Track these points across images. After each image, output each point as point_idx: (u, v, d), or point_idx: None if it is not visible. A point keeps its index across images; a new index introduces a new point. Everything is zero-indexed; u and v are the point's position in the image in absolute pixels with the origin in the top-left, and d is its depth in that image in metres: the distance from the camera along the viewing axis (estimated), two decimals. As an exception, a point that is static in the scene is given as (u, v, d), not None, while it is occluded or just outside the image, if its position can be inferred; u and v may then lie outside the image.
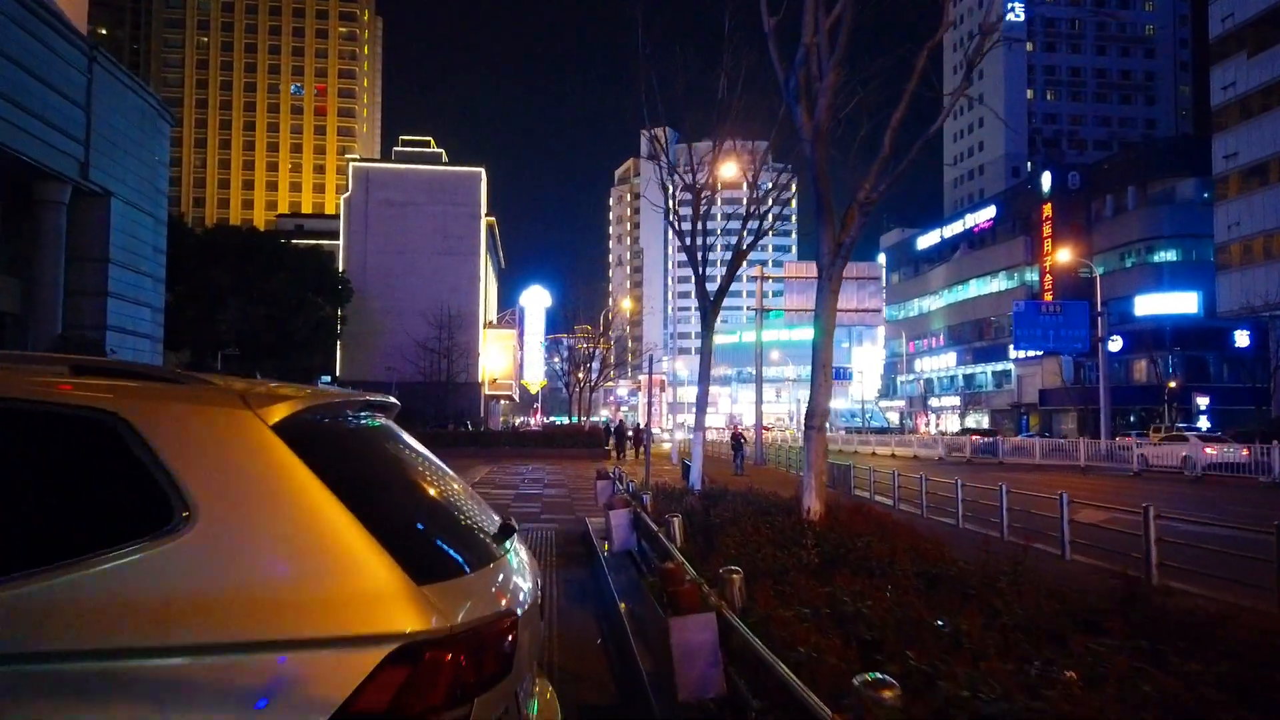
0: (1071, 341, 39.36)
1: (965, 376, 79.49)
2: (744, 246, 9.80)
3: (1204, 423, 50.01)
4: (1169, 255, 63.32)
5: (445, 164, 65.70)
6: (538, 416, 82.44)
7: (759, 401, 30.97)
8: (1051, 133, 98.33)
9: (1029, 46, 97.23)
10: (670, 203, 9.96)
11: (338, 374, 59.50)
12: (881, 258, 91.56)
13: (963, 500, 12.72)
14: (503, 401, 75.97)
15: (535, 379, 66.51)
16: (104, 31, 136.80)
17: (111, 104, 33.47)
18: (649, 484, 11.04)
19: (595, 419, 69.89)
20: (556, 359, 66.45)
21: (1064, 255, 65.04)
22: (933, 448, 38.26)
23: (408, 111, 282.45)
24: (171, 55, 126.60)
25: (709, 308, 9.80)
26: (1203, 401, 52.33)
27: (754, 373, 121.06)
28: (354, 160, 68.65)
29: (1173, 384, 55.54)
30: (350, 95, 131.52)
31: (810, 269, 29.47)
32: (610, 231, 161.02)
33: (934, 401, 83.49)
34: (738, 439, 25.02)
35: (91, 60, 32.10)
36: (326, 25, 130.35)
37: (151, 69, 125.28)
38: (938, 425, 79.96)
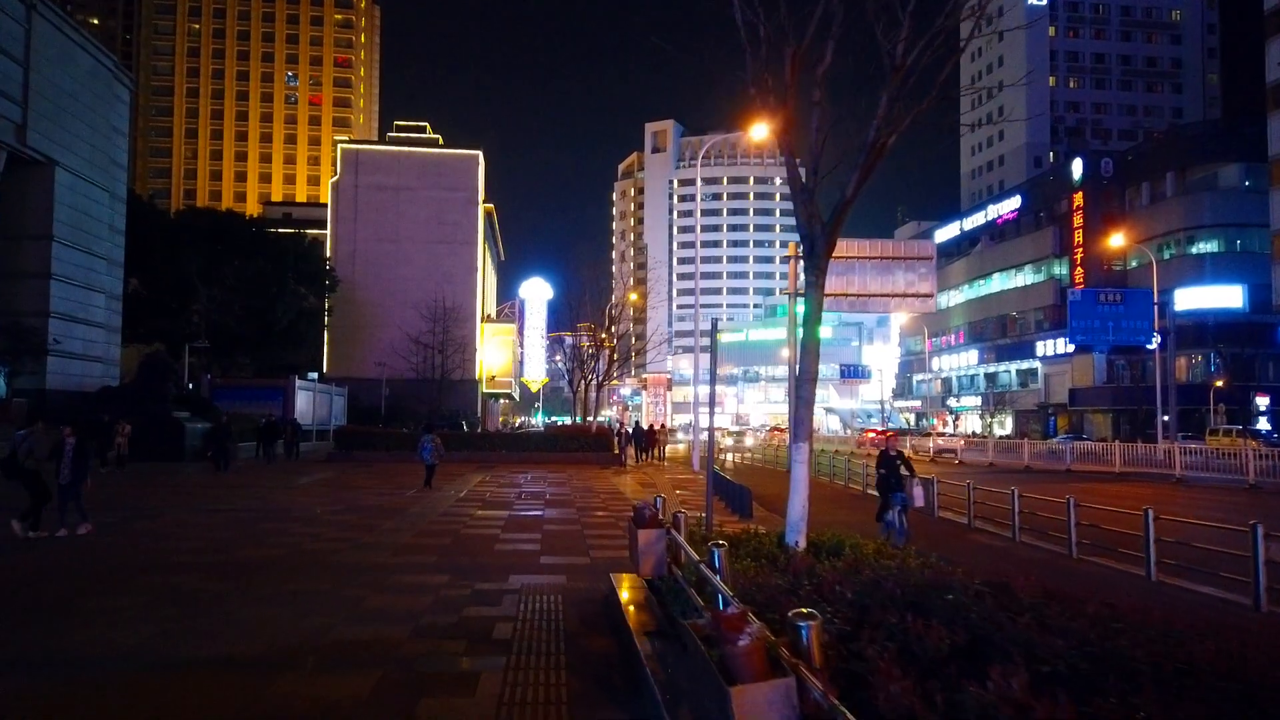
0: (1133, 334, 35.39)
1: (987, 375, 75.59)
2: (886, 135, 5.81)
3: (1263, 424, 46.21)
4: (1211, 246, 59.50)
5: (441, 148, 61.79)
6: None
7: (793, 402, 26.85)
8: (1074, 121, 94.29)
9: (1051, 31, 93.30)
10: (758, 43, 5.88)
11: (325, 370, 55.55)
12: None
13: (1103, 530, 8.77)
14: (502, 400, 72.03)
15: (536, 376, 62.48)
16: (95, 21, 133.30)
17: (56, 61, 29.52)
18: (710, 529, 7.09)
19: (601, 419, 65.88)
20: (558, 357, 62.56)
21: (1096, 246, 61.29)
22: (979, 452, 34.28)
23: (406, 103, 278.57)
24: (162, 43, 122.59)
25: (820, 233, 5.87)
26: (1262, 402, 48.41)
27: (761, 372, 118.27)
28: (343, 142, 64.64)
29: (1219, 383, 51.86)
30: (346, 85, 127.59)
31: (848, 248, 25.01)
32: (613, 227, 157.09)
33: (952, 401, 79.46)
34: (894, 461, 11.64)
35: (31, 9, 28.15)
36: (321, 13, 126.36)
37: (141, 57, 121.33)
38: (957, 427, 76.23)
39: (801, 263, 6.27)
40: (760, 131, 25.94)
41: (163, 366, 29.31)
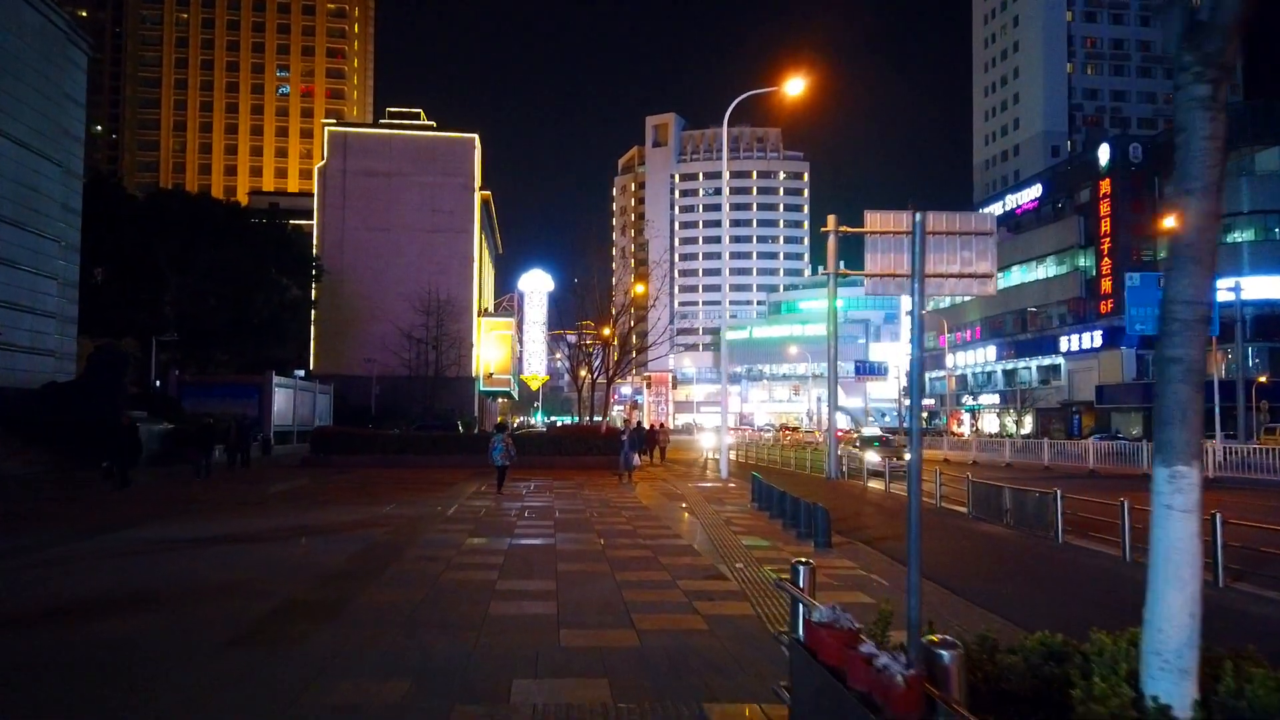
0: (1199, 322, 32.04)
1: (1006, 372, 72.44)
2: None
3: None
4: (1248, 234, 56.59)
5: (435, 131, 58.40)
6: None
7: (833, 396, 23.61)
8: (1093, 109, 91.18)
9: (1068, 16, 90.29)
10: None
11: (312, 367, 52.20)
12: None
13: None
14: (500, 399, 68.73)
15: (537, 373, 59.08)
16: (84, 14, 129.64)
17: (-6, 14, 26.33)
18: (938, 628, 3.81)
19: (610, 418, 62.57)
20: (558, 355, 59.24)
21: (1125, 235, 58.22)
22: (1032, 453, 31.01)
23: (400, 95, 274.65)
24: (150, 34, 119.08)
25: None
26: (1322, 399, 45.24)
27: (765, 370, 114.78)
28: (330, 124, 61.20)
29: (1262, 378, 48.84)
30: (339, 76, 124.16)
31: (895, 221, 21.47)
32: (614, 223, 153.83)
33: (969, 399, 76.29)
34: None
35: (-38, -47, 24.82)
36: (314, 2, 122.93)
37: (129, 48, 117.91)
38: (974, 426, 73.16)
39: (1180, 59, 2.69)
40: (797, 86, 22.63)
41: (116, 360, 25.97)
